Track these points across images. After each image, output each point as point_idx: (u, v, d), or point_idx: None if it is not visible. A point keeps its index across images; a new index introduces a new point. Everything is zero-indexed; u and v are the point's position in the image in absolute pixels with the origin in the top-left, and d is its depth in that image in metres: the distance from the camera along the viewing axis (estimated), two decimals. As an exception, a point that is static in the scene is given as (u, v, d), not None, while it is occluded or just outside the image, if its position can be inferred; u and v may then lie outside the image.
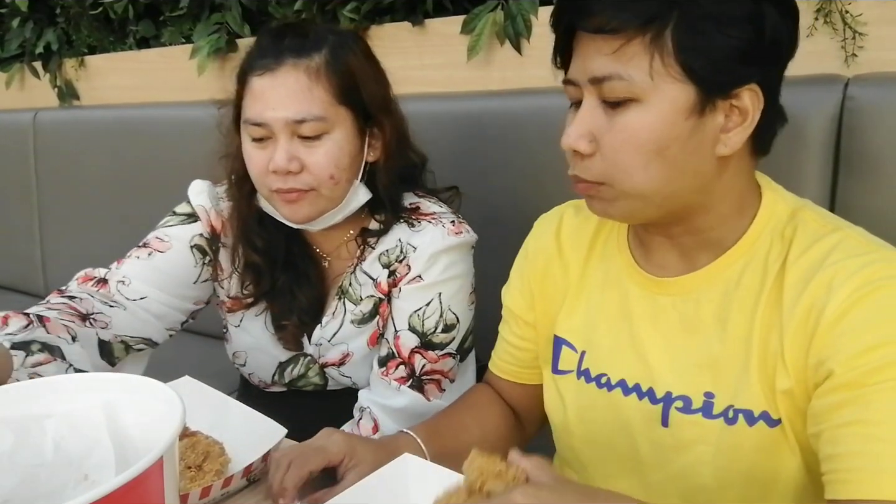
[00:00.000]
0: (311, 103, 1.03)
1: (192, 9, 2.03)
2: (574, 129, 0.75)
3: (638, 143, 0.72)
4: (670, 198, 0.75)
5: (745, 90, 0.72)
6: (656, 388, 0.81)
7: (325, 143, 1.05)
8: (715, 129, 0.73)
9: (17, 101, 2.65)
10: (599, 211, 0.79)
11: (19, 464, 0.66)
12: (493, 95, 1.53)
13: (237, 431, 0.94)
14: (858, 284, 0.68)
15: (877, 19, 1.17)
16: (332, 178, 1.06)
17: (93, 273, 1.16)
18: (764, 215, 0.78)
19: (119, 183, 2.14)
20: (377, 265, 1.15)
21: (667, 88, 0.71)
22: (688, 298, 0.80)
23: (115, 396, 0.70)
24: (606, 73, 0.71)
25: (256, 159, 1.06)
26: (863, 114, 1.08)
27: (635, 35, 0.70)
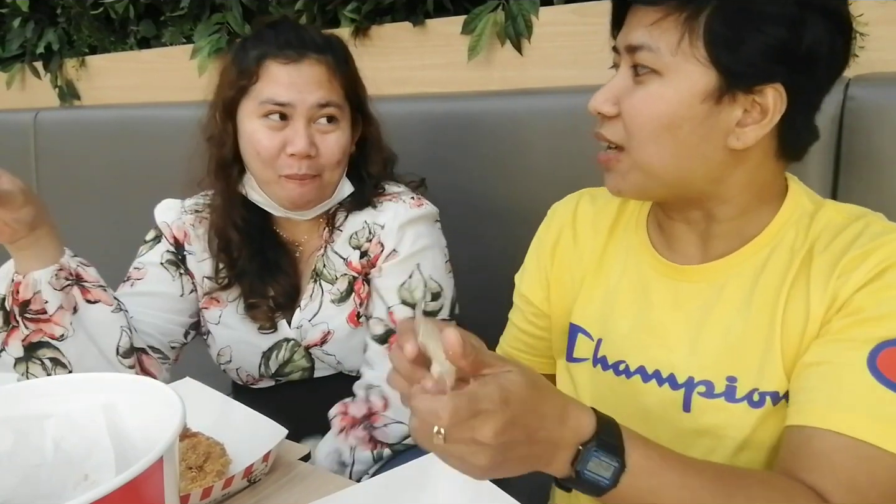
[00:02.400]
0: (331, 93, 1.13)
1: (193, 9, 2.03)
2: (602, 92, 0.79)
3: (651, 114, 0.75)
4: (680, 180, 0.77)
5: (768, 88, 0.72)
6: (677, 373, 0.81)
7: (337, 130, 1.14)
8: (730, 121, 0.74)
9: (17, 101, 2.65)
10: (613, 186, 0.81)
11: (19, 464, 0.66)
12: (493, 95, 1.53)
13: (238, 432, 0.94)
14: (884, 256, 0.71)
15: (878, 20, 1.17)
16: (338, 164, 1.15)
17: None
18: (788, 207, 0.80)
19: (119, 183, 2.14)
20: (347, 247, 1.20)
21: (689, 69, 0.72)
22: (712, 285, 0.81)
23: (115, 396, 0.70)
24: (640, 43, 0.75)
25: (269, 141, 1.11)
26: (864, 114, 1.08)
27: (673, 11, 0.72)
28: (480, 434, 0.56)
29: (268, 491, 0.88)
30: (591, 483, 0.62)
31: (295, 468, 0.92)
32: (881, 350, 0.68)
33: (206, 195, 1.25)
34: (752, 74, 0.71)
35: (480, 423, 0.56)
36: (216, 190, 1.21)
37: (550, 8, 1.48)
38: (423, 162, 1.42)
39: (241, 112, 1.14)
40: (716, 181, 0.77)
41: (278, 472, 0.91)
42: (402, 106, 1.60)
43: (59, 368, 1.03)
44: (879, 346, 0.68)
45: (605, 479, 0.61)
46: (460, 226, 1.41)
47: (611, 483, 0.62)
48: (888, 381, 0.66)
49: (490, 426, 0.56)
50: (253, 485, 0.89)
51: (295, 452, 0.94)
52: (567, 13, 1.44)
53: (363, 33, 1.72)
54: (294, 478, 0.91)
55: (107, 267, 1.17)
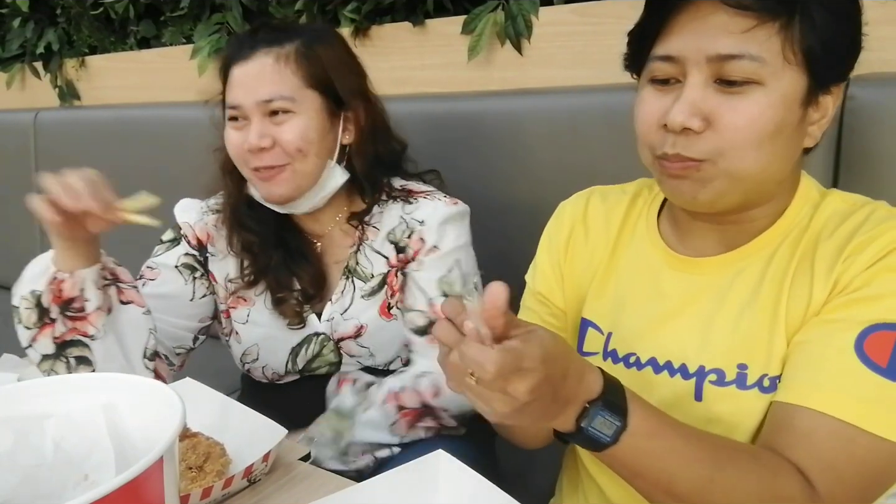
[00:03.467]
0: (279, 85, 1.12)
1: (193, 9, 2.03)
2: (686, 105, 0.72)
3: (761, 124, 0.71)
4: (761, 185, 0.76)
5: (835, 87, 0.74)
6: (689, 363, 0.82)
7: (293, 119, 1.13)
8: (808, 122, 0.75)
9: (17, 101, 2.65)
10: (688, 193, 0.76)
11: (19, 464, 0.66)
12: (493, 95, 1.53)
13: (238, 432, 0.94)
14: (889, 240, 0.72)
15: (877, 20, 1.17)
16: (300, 152, 1.13)
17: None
18: (799, 199, 0.81)
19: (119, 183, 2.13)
20: (387, 244, 1.21)
21: (790, 75, 0.71)
22: (724, 276, 0.81)
23: (115, 397, 0.70)
24: (737, 52, 0.70)
25: (234, 141, 1.15)
26: (864, 114, 1.08)
27: (769, 18, 0.70)
28: (514, 389, 0.59)
29: (268, 491, 0.88)
30: (593, 439, 0.65)
31: (295, 468, 0.92)
32: (869, 333, 0.69)
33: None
34: (834, 74, 0.74)
35: (518, 379, 0.59)
36: (225, 193, 1.24)
37: (550, 8, 1.48)
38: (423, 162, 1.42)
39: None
40: (782, 182, 0.78)
41: (278, 472, 0.91)
42: (402, 106, 1.59)
43: (83, 367, 1.03)
44: (868, 328, 0.69)
45: (606, 436, 0.64)
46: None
47: (611, 440, 0.65)
48: (874, 364, 0.67)
49: (526, 384, 0.59)
50: (253, 485, 0.89)
51: (295, 452, 0.94)
52: (567, 13, 1.44)
53: (363, 33, 1.72)
54: (294, 478, 0.91)
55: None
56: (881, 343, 0.68)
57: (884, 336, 0.68)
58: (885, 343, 0.68)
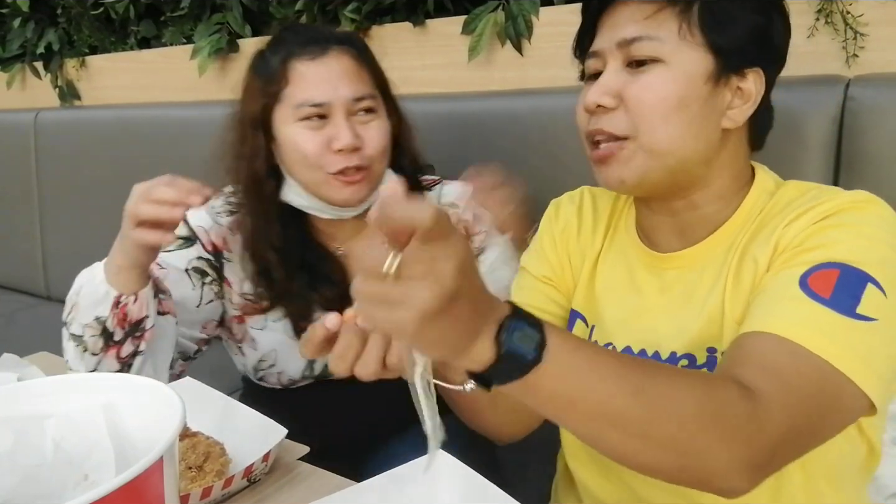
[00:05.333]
0: (363, 83, 1.12)
1: (194, 9, 2.04)
2: (599, 87, 0.80)
3: (662, 96, 0.78)
4: (681, 163, 0.80)
5: (751, 72, 0.79)
6: (661, 350, 0.84)
7: (376, 120, 1.13)
8: (724, 103, 0.80)
9: (18, 101, 2.65)
10: (616, 177, 0.82)
11: (19, 464, 0.66)
12: (494, 96, 1.53)
13: (238, 432, 0.94)
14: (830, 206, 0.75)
15: (878, 20, 1.17)
16: (383, 154, 1.13)
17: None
18: (755, 192, 0.84)
19: (120, 183, 2.13)
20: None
21: (690, 53, 0.78)
22: (692, 269, 0.85)
23: (115, 396, 0.70)
24: (637, 34, 0.78)
25: (312, 142, 1.09)
26: (864, 114, 1.08)
27: (667, 5, 0.78)
28: (440, 266, 0.51)
29: (268, 491, 0.88)
30: (517, 356, 0.57)
31: (295, 468, 0.92)
32: (812, 272, 0.71)
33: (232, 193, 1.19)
34: (741, 56, 0.78)
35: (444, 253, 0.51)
36: (248, 209, 1.16)
37: (550, 8, 1.48)
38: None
39: (275, 120, 1.12)
40: (707, 163, 0.81)
41: (278, 472, 0.91)
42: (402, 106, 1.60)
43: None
44: (811, 268, 0.71)
45: (529, 350, 0.58)
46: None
47: (535, 354, 0.58)
48: (817, 296, 0.69)
49: (452, 262, 0.51)
50: (253, 485, 0.89)
51: (295, 452, 0.94)
52: (567, 13, 1.44)
53: (363, 33, 1.72)
54: (294, 478, 0.91)
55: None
56: (824, 278, 0.70)
57: (826, 273, 0.70)
58: (828, 278, 0.70)
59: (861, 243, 0.71)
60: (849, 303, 0.68)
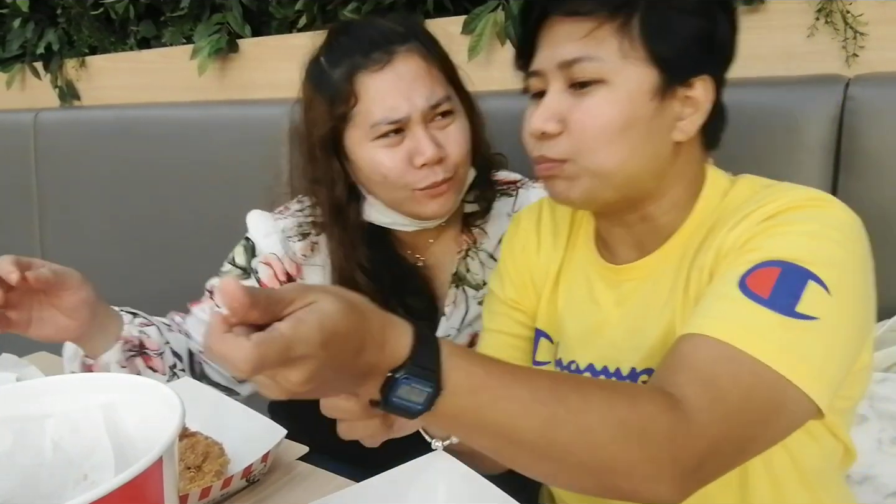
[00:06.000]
0: (436, 85, 1.02)
1: (193, 9, 2.03)
2: (541, 112, 0.78)
3: (605, 121, 0.75)
4: (629, 180, 0.78)
5: (698, 80, 0.76)
6: (622, 367, 0.83)
7: (455, 122, 1.04)
8: (672, 116, 0.77)
9: (17, 101, 2.65)
10: (562, 192, 0.80)
11: (19, 464, 0.66)
12: (493, 95, 1.53)
13: (237, 432, 0.94)
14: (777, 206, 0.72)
15: (878, 19, 1.17)
16: (467, 156, 1.05)
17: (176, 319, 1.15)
18: (707, 193, 0.82)
19: (120, 183, 2.14)
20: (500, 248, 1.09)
21: (633, 70, 0.74)
22: (647, 280, 0.83)
23: (115, 396, 0.70)
24: (577, 56, 0.75)
25: (392, 161, 1.00)
26: (863, 114, 1.08)
27: (606, 20, 0.74)
28: (287, 381, 0.50)
29: (267, 491, 0.88)
30: (401, 409, 0.56)
31: (295, 468, 0.92)
32: (751, 272, 0.68)
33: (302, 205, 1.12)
34: (686, 66, 0.76)
35: (290, 370, 0.50)
36: (332, 235, 1.09)
37: (550, 8, 1.48)
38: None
39: (347, 140, 1.03)
40: (659, 177, 0.79)
41: (278, 472, 0.91)
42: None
43: None
44: (751, 268, 0.69)
45: (416, 404, 0.56)
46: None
47: (423, 407, 0.56)
48: (755, 296, 0.67)
49: (299, 373, 0.50)
50: (252, 485, 0.89)
51: (294, 452, 0.94)
52: (567, 13, 1.44)
53: (363, 33, 1.72)
54: (294, 478, 0.91)
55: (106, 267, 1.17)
56: (763, 278, 0.68)
57: (765, 272, 0.68)
58: (767, 277, 0.67)
59: (806, 241, 0.69)
60: (787, 301, 0.65)
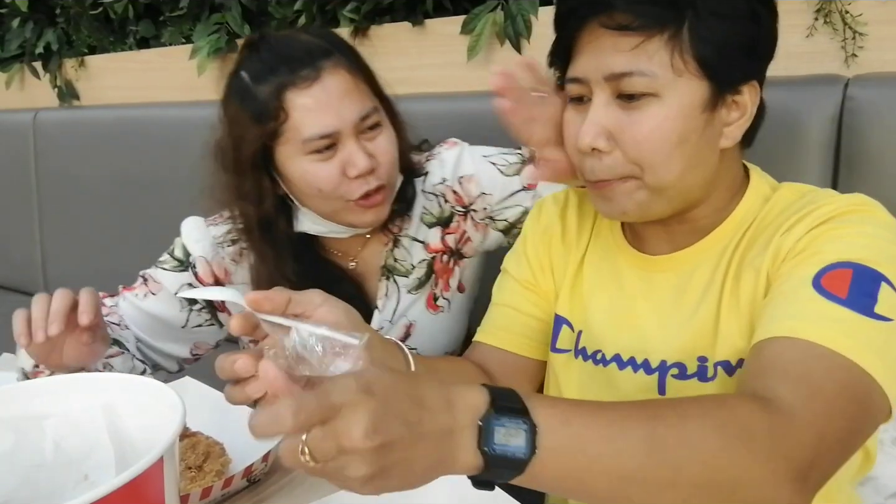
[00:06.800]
0: (363, 97, 1.04)
1: (192, 9, 2.03)
2: (591, 126, 0.76)
3: (660, 137, 0.74)
4: (683, 192, 0.78)
5: (746, 86, 0.75)
6: (651, 359, 0.83)
7: (383, 131, 1.06)
8: (720, 124, 0.76)
9: (17, 101, 2.65)
10: (616, 209, 0.79)
11: (19, 464, 0.66)
12: (493, 95, 1.53)
13: (238, 432, 0.93)
14: (826, 211, 0.73)
15: (877, 19, 1.17)
16: (396, 162, 1.08)
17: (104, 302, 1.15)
18: (750, 196, 0.82)
19: (119, 183, 2.14)
20: (422, 228, 1.16)
21: (684, 84, 0.73)
22: (681, 273, 0.83)
23: (115, 396, 0.70)
24: (628, 70, 0.73)
25: (327, 174, 1.01)
26: (863, 114, 1.08)
27: (655, 32, 0.72)
28: (347, 437, 0.46)
29: (268, 491, 0.88)
30: (508, 459, 0.52)
31: (295, 468, 0.92)
32: (824, 273, 0.68)
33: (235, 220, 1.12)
34: (735, 75, 0.74)
35: (343, 423, 0.46)
36: (257, 250, 1.09)
37: (550, 8, 1.48)
38: (422, 162, 1.42)
39: (279, 156, 1.04)
40: (707, 184, 0.79)
41: (279, 472, 0.91)
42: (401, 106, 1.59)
43: None
44: (822, 269, 0.69)
45: (519, 448, 0.52)
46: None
47: (528, 449, 0.52)
48: (834, 297, 0.66)
49: (357, 425, 0.46)
50: (253, 485, 0.89)
51: (295, 452, 0.94)
52: (566, 13, 1.44)
53: (362, 33, 1.72)
54: (294, 478, 0.91)
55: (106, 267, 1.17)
56: (837, 278, 0.68)
57: (838, 273, 0.68)
58: (842, 278, 0.67)
59: (868, 242, 0.70)
60: (866, 302, 0.66)
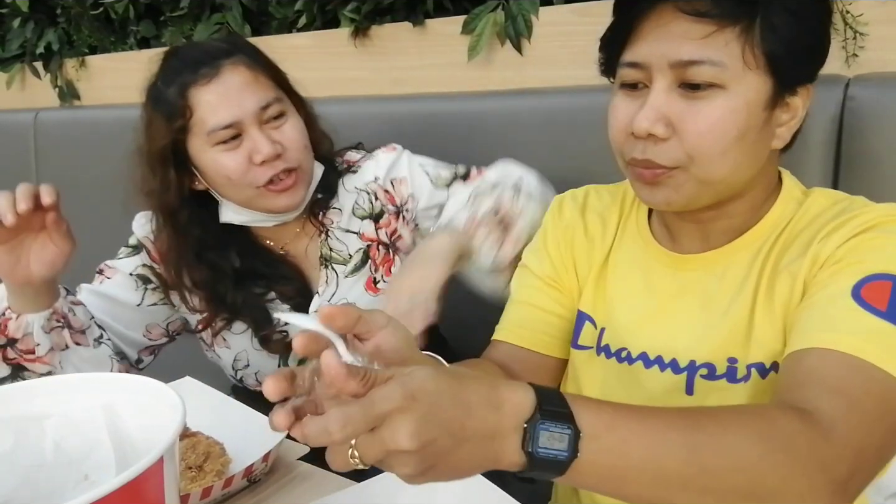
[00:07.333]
0: (264, 89, 1.11)
1: (193, 9, 2.03)
2: (650, 111, 0.74)
3: (723, 129, 0.73)
4: (733, 186, 0.77)
5: (803, 88, 0.75)
6: (679, 358, 0.82)
7: (289, 119, 1.13)
8: (776, 124, 0.76)
9: (17, 101, 2.65)
10: (664, 199, 0.78)
11: (19, 464, 0.66)
12: (493, 95, 1.53)
13: (238, 432, 0.94)
14: (864, 220, 0.72)
15: (878, 19, 1.17)
16: (306, 148, 1.14)
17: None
18: (784, 198, 0.81)
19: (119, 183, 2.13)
20: (354, 220, 1.22)
21: (752, 78, 0.72)
22: (712, 272, 0.82)
23: (115, 396, 0.70)
24: (698, 58, 0.72)
25: (234, 162, 1.09)
26: (863, 114, 1.08)
27: (729, 23, 0.71)
28: (394, 442, 0.49)
29: (268, 491, 0.88)
30: (550, 461, 0.54)
31: (295, 468, 0.92)
32: (864, 284, 0.68)
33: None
34: (797, 75, 0.74)
35: (389, 429, 0.49)
36: (165, 238, 1.17)
37: (550, 8, 1.48)
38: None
39: (191, 150, 1.11)
40: (752, 180, 0.78)
41: (279, 472, 0.92)
42: (401, 106, 1.59)
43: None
44: (862, 280, 0.68)
45: (561, 451, 0.53)
46: (460, 226, 1.41)
47: (570, 453, 0.54)
48: (873, 309, 0.66)
49: (403, 429, 0.48)
50: (253, 485, 0.89)
51: (295, 452, 0.94)
52: (567, 13, 1.44)
53: (363, 33, 1.72)
54: (294, 478, 0.91)
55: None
56: (877, 290, 0.67)
57: (879, 285, 0.68)
58: (882, 290, 0.67)
59: None
60: None
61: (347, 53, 1.74)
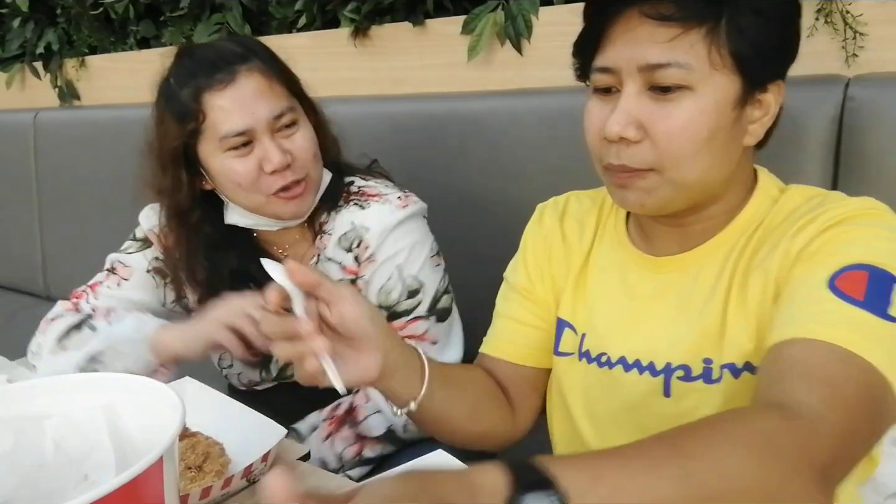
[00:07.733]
0: (278, 98, 1.11)
1: (193, 9, 2.03)
2: (621, 115, 0.75)
3: (693, 131, 0.73)
4: (706, 187, 0.78)
5: (773, 84, 0.76)
6: (656, 361, 0.83)
7: (301, 129, 1.13)
8: (746, 121, 0.77)
9: (17, 101, 2.65)
10: (635, 202, 0.79)
11: (19, 465, 0.66)
12: (493, 95, 1.53)
13: (237, 432, 0.94)
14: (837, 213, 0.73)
15: (877, 19, 1.17)
16: (315, 157, 1.14)
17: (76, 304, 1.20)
18: (758, 196, 0.82)
19: (119, 183, 2.13)
20: (339, 250, 1.19)
21: (719, 79, 0.73)
22: (687, 273, 0.83)
23: (115, 396, 0.70)
24: (665, 61, 0.73)
25: (244, 169, 1.09)
26: (863, 114, 1.08)
27: (694, 25, 0.72)
28: None
29: (268, 491, 0.88)
30: None
31: (295, 468, 0.92)
32: (839, 275, 0.68)
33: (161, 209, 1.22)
34: (766, 73, 0.75)
35: None
36: (174, 237, 1.18)
37: (550, 8, 1.48)
38: (421, 162, 1.42)
39: (201, 153, 1.12)
40: (726, 181, 0.79)
41: (278, 472, 0.91)
42: (401, 106, 1.59)
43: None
44: (837, 271, 0.68)
45: None
46: (458, 226, 1.41)
47: None
48: (850, 298, 0.66)
49: None
50: (253, 485, 0.89)
51: (294, 452, 0.94)
52: (567, 13, 1.44)
53: (363, 33, 1.72)
54: (294, 478, 0.90)
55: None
56: (853, 281, 0.67)
57: (854, 275, 0.67)
58: (857, 280, 0.67)
59: (882, 245, 0.70)
60: (881, 304, 0.66)
61: (347, 53, 1.74)
